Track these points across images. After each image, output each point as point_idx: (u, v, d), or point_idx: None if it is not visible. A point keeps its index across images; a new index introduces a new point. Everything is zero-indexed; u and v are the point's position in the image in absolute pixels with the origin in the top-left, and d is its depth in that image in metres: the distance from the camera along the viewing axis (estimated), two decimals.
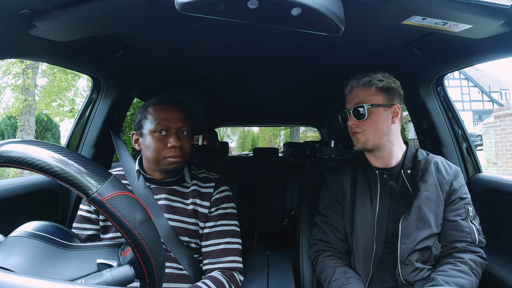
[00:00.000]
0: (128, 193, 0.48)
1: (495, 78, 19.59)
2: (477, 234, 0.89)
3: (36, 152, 0.45)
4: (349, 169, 1.03)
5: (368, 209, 0.93)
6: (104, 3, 0.67)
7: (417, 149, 1.00)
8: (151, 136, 0.91)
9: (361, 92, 0.94)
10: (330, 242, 0.98)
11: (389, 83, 0.94)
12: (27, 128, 8.41)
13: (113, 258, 0.49)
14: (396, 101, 0.95)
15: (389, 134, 0.94)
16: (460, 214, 0.90)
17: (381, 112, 0.93)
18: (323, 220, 1.02)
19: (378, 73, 0.96)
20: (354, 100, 0.95)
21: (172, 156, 0.90)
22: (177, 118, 0.93)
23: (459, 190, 0.92)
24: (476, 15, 0.67)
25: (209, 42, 1.03)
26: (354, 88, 0.96)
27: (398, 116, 0.95)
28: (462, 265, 0.84)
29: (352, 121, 0.95)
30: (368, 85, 0.94)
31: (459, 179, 0.94)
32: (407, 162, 0.96)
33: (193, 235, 0.95)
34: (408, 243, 0.88)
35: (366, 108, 0.92)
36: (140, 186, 0.95)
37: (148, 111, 0.93)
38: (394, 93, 0.94)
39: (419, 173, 0.93)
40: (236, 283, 0.90)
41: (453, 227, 0.89)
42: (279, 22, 0.63)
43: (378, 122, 0.92)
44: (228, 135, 19.41)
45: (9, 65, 8.24)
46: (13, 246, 0.45)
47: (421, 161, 0.96)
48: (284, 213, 2.53)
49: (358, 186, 0.98)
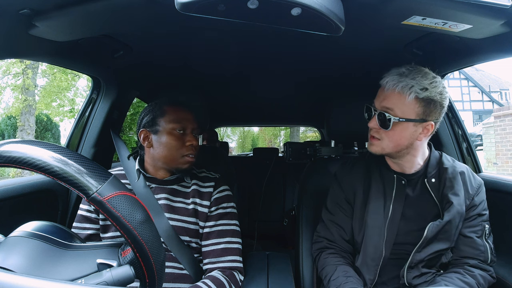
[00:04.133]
0: (128, 193, 0.48)
1: (495, 78, 19.60)
2: (490, 253, 0.85)
3: (36, 152, 0.45)
4: (363, 169, 0.97)
5: (380, 213, 0.89)
6: (104, 3, 0.67)
7: (441, 154, 0.92)
8: (170, 134, 0.93)
9: (396, 96, 0.80)
10: (335, 242, 0.96)
11: (433, 94, 0.78)
12: (27, 128, 8.41)
13: (113, 258, 0.49)
14: (432, 117, 0.80)
15: (410, 148, 0.84)
16: (476, 231, 0.86)
17: (409, 127, 0.81)
18: (329, 218, 0.98)
19: (428, 77, 0.79)
20: (384, 102, 0.82)
21: (190, 154, 0.94)
22: (193, 119, 0.98)
23: (479, 206, 0.87)
24: (476, 15, 0.67)
25: (209, 42, 1.03)
26: (390, 87, 0.81)
27: (429, 133, 0.83)
28: (470, 278, 0.81)
29: (374, 125, 0.85)
30: (407, 92, 0.78)
31: (481, 194, 0.88)
32: (430, 169, 0.88)
33: (194, 234, 0.95)
34: (423, 252, 0.85)
35: (393, 120, 0.80)
36: (141, 186, 0.95)
37: (165, 110, 0.96)
38: (434, 107, 0.79)
39: (448, 183, 0.85)
40: (236, 283, 0.90)
41: (467, 243, 0.86)
42: (279, 22, 0.63)
43: (401, 137, 0.82)
44: (228, 135, 19.41)
45: (9, 65, 8.24)
46: (13, 246, 0.45)
47: (449, 169, 0.87)
48: (284, 213, 2.53)
49: (372, 188, 0.92)
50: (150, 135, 0.96)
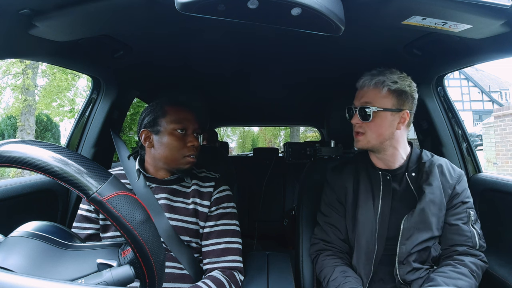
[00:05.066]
0: (128, 193, 0.48)
1: (495, 78, 19.60)
2: (478, 238, 0.88)
3: (36, 152, 0.45)
4: (351, 169, 1.02)
5: (370, 209, 0.93)
6: (104, 3, 0.67)
7: (421, 150, 0.99)
8: (171, 135, 0.93)
9: (372, 91, 0.91)
10: (331, 242, 0.99)
11: (403, 86, 0.90)
12: (27, 128, 8.41)
13: (113, 258, 0.49)
14: (406, 106, 0.91)
15: (392, 139, 0.92)
16: (461, 218, 0.90)
17: (387, 117, 0.90)
18: (324, 220, 1.02)
19: (395, 73, 0.92)
20: (362, 98, 0.93)
21: (192, 154, 0.94)
22: (194, 120, 0.98)
23: (462, 194, 0.92)
24: (476, 15, 0.67)
25: (209, 42, 1.03)
26: (365, 86, 0.93)
27: (405, 122, 0.92)
28: (462, 268, 0.84)
29: (356, 120, 0.93)
30: (380, 86, 0.90)
31: (462, 182, 0.93)
32: (411, 164, 0.95)
33: (194, 234, 0.95)
34: (408, 244, 0.88)
35: (372, 111, 0.90)
36: (141, 186, 0.95)
37: (166, 110, 0.96)
38: (406, 97, 0.91)
39: (424, 175, 0.92)
40: (236, 283, 0.90)
41: (454, 231, 0.89)
42: (279, 22, 0.63)
43: (382, 126, 0.90)
44: (228, 135, 19.41)
45: (9, 65, 8.24)
46: (13, 246, 0.45)
47: (426, 163, 0.94)
48: (284, 213, 2.53)
49: (361, 187, 0.97)
50: (152, 135, 0.96)
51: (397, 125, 0.91)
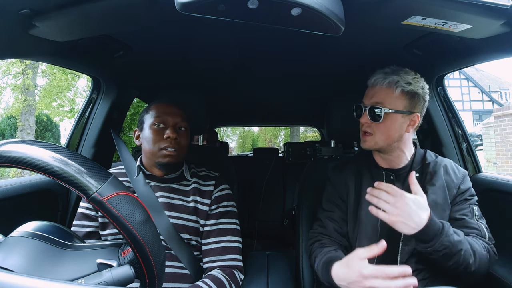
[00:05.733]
0: (128, 193, 0.48)
1: (495, 78, 19.60)
2: (486, 231, 0.87)
3: (36, 152, 0.45)
4: (354, 168, 1.01)
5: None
6: (104, 3, 0.67)
7: (425, 151, 0.98)
8: (150, 129, 0.96)
9: (384, 91, 0.88)
10: (328, 235, 0.98)
11: (416, 88, 0.87)
12: (27, 128, 8.41)
13: (113, 258, 0.49)
14: (417, 109, 0.88)
15: (400, 141, 0.90)
16: (466, 213, 0.89)
17: (398, 119, 0.87)
18: (326, 215, 1.00)
19: (410, 73, 0.88)
20: (373, 98, 0.89)
21: (168, 147, 0.93)
22: (175, 114, 0.98)
23: (466, 192, 0.91)
24: (476, 15, 0.67)
25: (209, 42, 1.03)
26: (377, 84, 0.89)
27: (415, 125, 0.90)
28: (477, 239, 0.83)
29: (365, 120, 0.90)
30: (393, 86, 0.86)
31: (466, 182, 0.93)
32: (415, 165, 0.93)
33: (194, 232, 0.95)
34: (410, 245, 0.87)
35: (383, 112, 0.86)
36: (140, 183, 0.95)
37: (151, 108, 1.00)
38: (418, 100, 0.88)
39: (428, 176, 0.91)
40: (236, 282, 0.90)
41: (461, 224, 0.87)
42: (279, 22, 0.63)
43: (392, 129, 0.88)
44: (228, 135, 19.40)
45: (9, 65, 8.23)
46: (13, 246, 0.45)
47: (430, 163, 0.93)
48: (284, 213, 2.53)
49: (363, 186, 0.96)
50: (140, 133, 1.00)
51: (407, 127, 0.89)
